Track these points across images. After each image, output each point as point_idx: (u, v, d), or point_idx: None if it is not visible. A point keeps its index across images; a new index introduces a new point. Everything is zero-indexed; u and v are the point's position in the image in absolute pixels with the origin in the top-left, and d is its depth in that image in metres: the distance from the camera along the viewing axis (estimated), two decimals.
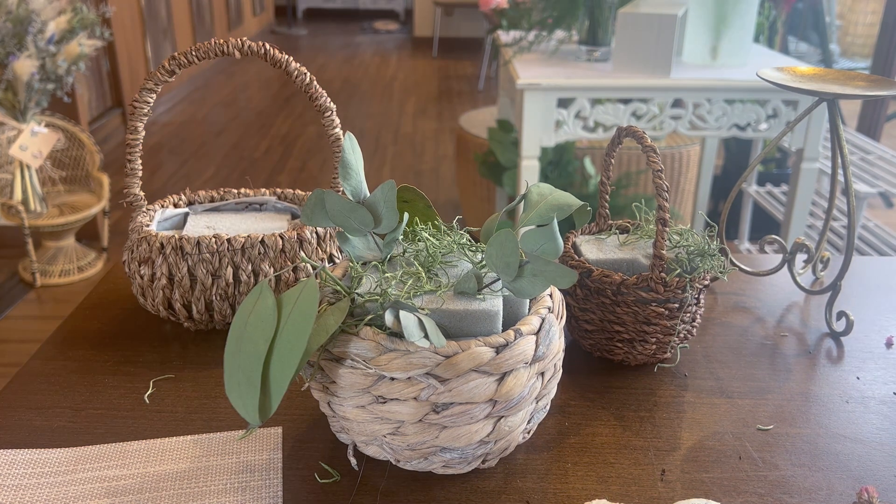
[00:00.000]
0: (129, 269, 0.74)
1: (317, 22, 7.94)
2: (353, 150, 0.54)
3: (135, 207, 0.77)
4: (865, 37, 4.57)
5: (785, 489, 0.55)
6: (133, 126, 0.73)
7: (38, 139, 2.40)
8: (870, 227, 2.40)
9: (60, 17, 2.41)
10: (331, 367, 0.50)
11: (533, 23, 2.07)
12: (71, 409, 0.63)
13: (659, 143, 2.41)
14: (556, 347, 0.53)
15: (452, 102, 5.03)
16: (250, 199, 0.84)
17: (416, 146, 4.10)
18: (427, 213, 0.60)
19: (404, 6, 7.98)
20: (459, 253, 0.56)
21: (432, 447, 0.51)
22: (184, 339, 0.74)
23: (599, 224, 0.75)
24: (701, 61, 1.94)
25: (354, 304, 0.51)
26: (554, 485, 0.55)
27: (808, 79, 0.73)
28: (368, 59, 6.36)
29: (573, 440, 0.60)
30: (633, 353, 0.68)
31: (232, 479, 0.54)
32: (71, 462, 0.56)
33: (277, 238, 0.71)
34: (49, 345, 0.73)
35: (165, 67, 0.71)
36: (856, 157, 2.47)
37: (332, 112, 0.75)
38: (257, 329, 0.46)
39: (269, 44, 0.72)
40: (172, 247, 0.70)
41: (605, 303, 0.66)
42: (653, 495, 0.54)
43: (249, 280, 0.71)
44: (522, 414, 0.52)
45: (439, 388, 0.48)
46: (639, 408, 0.64)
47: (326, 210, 0.52)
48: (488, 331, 0.50)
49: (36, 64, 2.30)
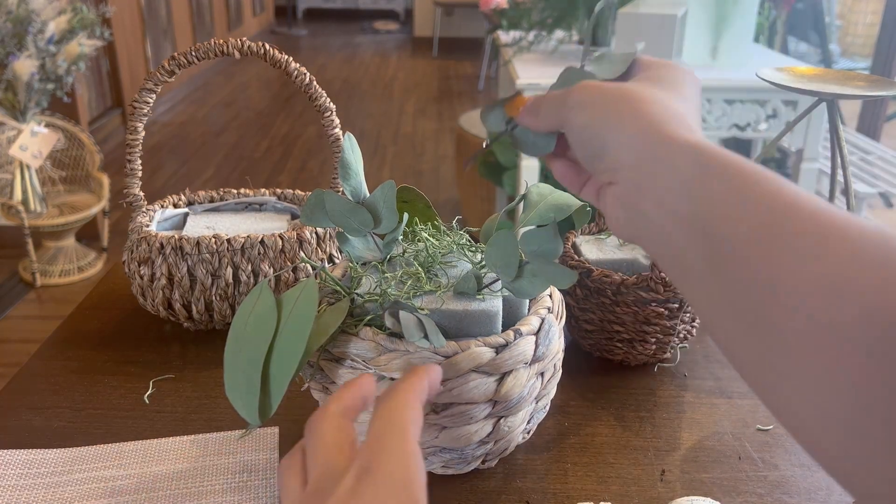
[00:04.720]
0: (129, 270, 0.74)
1: (317, 22, 7.94)
2: (353, 150, 0.54)
3: (135, 207, 0.77)
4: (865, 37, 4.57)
5: (785, 489, 0.55)
6: (133, 126, 0.73)
7: (38, 139, 2.40)
8: None
9: (60, 17, 2.41)
10: (331, 368, 0.50)
11: (533, 23, 2.07)
12: (71, 409, 0.63)
13: None
14: (555, 347, 0.53)
15: (452, 102, 5.03)
16: (250, 200, 0.84)
17: (416, 146, 4.10)
18: (427, 213, 0.60)
19: (404, 6, 7.97)
20: (459, 253, 0.56)
21: (432, 447, 0.51)
22: (184, 339, 0.74)
23: (599, 224, 0.75)
24: (701, 61, 1.94)
25: (354, 305, 0.51)
26: (554, 485, 0.55)
27: (807, 79, 0.73)
28: (368, 59, 6.36)
29: (573, 440, 0.60)
30: (633, 353, 0.68)
31: (230, 479, 0.54)
32: (68, 462, 0.56)
33: (277, 238, 0.71)
34: (49, 345, 0.73)
35: (165, 67, 0.71)
36: (856, 157, 2.47)
37: (331, 112, 0.75)
38: (257, 329, 0.46)
39: (268, 44, 0.72)
40: (172, 247, 0.70)
41: (605, 303, 0.66)
42: (653, 495, 0.54)
43: (249, 280, 0.71)
44: (522, 414, 0.52)
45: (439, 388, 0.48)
46: (639, 408, 0.64)
47: (326, 210, 0.52)
48: (488, 331, 0.50)
49: (36, 64, 2.30)
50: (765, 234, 0.28)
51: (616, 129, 0.34)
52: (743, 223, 0.29)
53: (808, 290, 0.26)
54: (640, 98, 0.35)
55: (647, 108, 0.34)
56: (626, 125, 0.34)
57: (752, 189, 0.29)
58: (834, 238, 0.26)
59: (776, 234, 0.28)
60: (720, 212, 0.30)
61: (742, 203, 0.29)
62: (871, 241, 0.26)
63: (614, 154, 0.34)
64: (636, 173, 0.33)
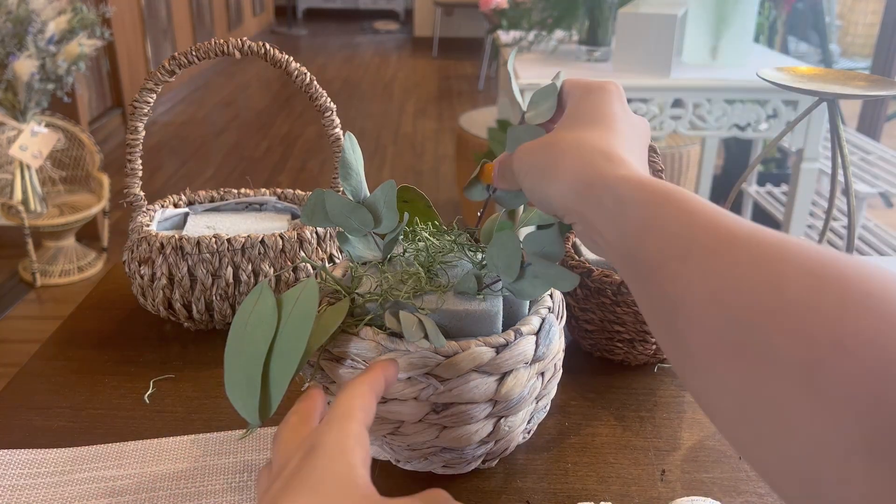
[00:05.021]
0: (129, 269, 0.74)
1: (317, 22, 7.94)
2: (353, 150, 0.54)
3: (135, 207, 0.77)
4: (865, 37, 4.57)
5: None
6: (133, 126, 0.73)
7: (38, 139, 2.40)
8: (870, 227, 2.40)
9: (60, 17, 2.41)
10: (331, 367, 0.50)
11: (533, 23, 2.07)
12: (71, 409, 0.63)
13: (659, 143, 2.41)
14: (556, 347, 0.53)
15: (452, 102, 5.03)
16: (250, 199, 0.84)
17: (416, 146, 4.10)
18: (427, 213, 0.60)
19: (404, 6, 7.97)
20: (459, 253, 0.56)
21: (432, 447, 0.51)
22: (184, 339, 0.74)
23: None
24: (701, 61, 1.94)
25: (354, 304, 0.51)
26: (554, 485, 0.55)
27: (808, 79, 0.73)
28: (368, 59, 6.36)
29: (573, 440, 0.60)
30: (633, 353, 0.68)
31: (230, 478, 0.54)
32: (68, 462, 0.56)
33: (277, 238, 0.71)
34: (49, 345, 0.73)
35: (165, 67, 0.71)
36: (856, 157, 2.47)
37: (332, 112, 0.75)
38: (257, 329, 0.46)
39: (269, 44, 0.72)
40: (172, 247, 0.70)
41: (606, 303, 0.66)
42: (653, 495, 0.54)
43: (249, 280, 0.71)
44: (522, 414, 0.52)
45: (439, 388, 0.48)
46: (639, 408, 0.64)
47: (327, 210, 0.52)
48: (488, 331, 0.50)
49: (36, 64, 2.30)
50: (675, 256, 0.31)
51: (552, 186, 0.39)
52: (655, 246, 0.32)
53: (702, 302, 0.29)
54: (565, 152, 0.39)
55: (570, 162, 0.39)
56: (560, 181, 0.39)
57: (665, 214, 0.33)
58: (724, 251, 0.29)
59: (685, 257, 0.31)
60: (638, 238, 0.33)
61: (656, 228, 0.33)
62: (757, 247, 0.28)
63: (557, 204, 0.39)
64: (578, 216, 0.38)
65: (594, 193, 0.36)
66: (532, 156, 0.41)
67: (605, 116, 0.41)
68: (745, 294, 0.27)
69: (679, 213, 0.32)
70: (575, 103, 0.43)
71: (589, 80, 0.44)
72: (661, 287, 0.32)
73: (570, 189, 0.38)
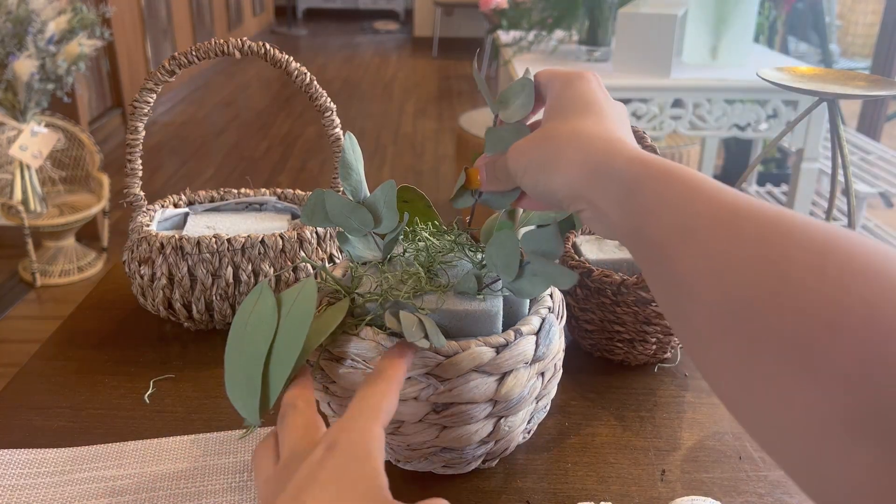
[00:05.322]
0: (129, 269, 0.74)
1: (317, 22, 7.94)
2: (353, 149, 0.54)
3: (135, 207, 0.77)
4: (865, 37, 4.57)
5: (785, 489, 0.55)
6: (133, 126, 0.73)
7: (38, 139, 2.40)
8: (870, 227, 2.40)
9: (60, 17, 2.41)
10: (331, 367, 0.50)
11: (533, 23, 2.07)
12: (71, 409, 0.63)
13: (659, 143, 2.41)
14: (556, 347, 0.53)
15: (452, 102, 5.03)
16: (250, 199, 0.84)
17: (416, 146, 4.10)
18: (427, 213, 0.60)
19: (404, 6, 7.97)
20: (459, 253, 0.56)
21: (432, 447, 0.51)
22: (184, 339, 0.74)
23: None
24: (701, 61, 1.94)
25: (354, 304, 0.51)
26: (554, 485, 0.55)
27: (808, 79, 0.73)
28: (368, 59, 6.36)
29: (573, 440, 0.60)
30: (633, 353, 0.68)
31: (230, 478, 0.54)
32: (68, 462, 0.56)
33: (277, 238, 0.71)
34: (49, 345, 0.73)
35: (165, 67, 0.71)
36: (856, 157, 2.47)
37: (332, 112, 0.75)
38: (257, 329, 0.46)
39: (269, 44, 0.72)
40: (172, 247, 0.70)
41: (606, 303, 0.66)
42: (653, 495, 0.54)
43: (249, 280, 0.71)
44: (522, 414, 0.52)
45: (439, 387, 0.48)
46: (639, 408, 0.64)
47: (327, 210, 0.52)
48: (488, 331, 0.50)
49: (36, 64, 2.30)
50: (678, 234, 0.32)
51: (556, 179, 0.39)
52: (659, 224, 0.33)
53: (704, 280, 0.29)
54: (564, 144, 0.39)
55: (573, 153, 0.39)
56: (563, 172, 0.39)
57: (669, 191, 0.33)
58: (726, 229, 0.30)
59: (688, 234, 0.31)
60: (643, 217, 0.34)
61: (660, 206, 0.33)
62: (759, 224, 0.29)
63: (563, 195, 0.40)
64: (586, 202, 0.38)
65: (600, 179, 0.37)
66: (529, 153, 0.42)
67: (593, 104, 0.41)
68: (747, 273, 0.28)
69: (683, 188, 0.33)
70: (557, 94, 0.43)
71: (566, 70, 0.44)
72: (666, 266, 0.32)
73: (576, 178, 0.38)
